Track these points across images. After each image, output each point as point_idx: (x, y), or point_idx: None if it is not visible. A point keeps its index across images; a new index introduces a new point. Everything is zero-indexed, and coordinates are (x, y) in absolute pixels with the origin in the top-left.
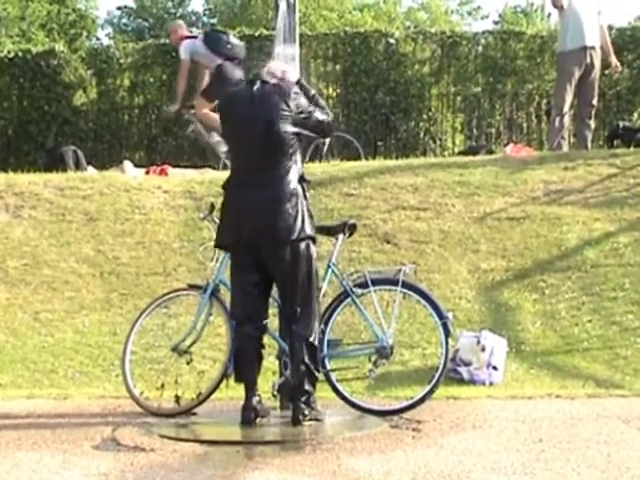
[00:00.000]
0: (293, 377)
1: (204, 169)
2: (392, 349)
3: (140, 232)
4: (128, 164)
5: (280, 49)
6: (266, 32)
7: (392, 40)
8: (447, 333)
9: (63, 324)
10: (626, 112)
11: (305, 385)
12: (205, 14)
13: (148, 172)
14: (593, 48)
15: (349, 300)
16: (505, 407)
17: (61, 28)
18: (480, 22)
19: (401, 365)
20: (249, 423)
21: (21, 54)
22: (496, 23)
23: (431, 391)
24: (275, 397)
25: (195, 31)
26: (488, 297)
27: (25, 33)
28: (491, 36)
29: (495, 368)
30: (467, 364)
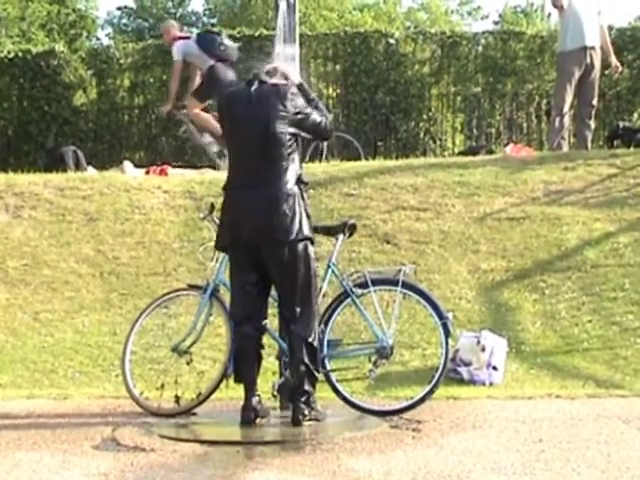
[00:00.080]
0: (293, 377)
1: (204, 169)
2: (392, 349)
3: (140, 232)
4: (128, 164)
5: (280, 49)
6: (266, 32)
7: (392, 40)
8: (447, 333)
9: (63, 324)
10: (626, 112)
11: (305, 385)
12: (205, 14)
13: (148, 172)
14: (593, 48)
15: (349, 300)
16: (505, 407)
17: (61, 28)
18: (480, 22)
19: (401, 365)
20: (249, 423)
21: (21, 54)
22: (496, 23)
23: (431, 391)
24: (275, 397)
25: (195, 31)
26: (488, 297)
27: (25, 33)
28: (491, 36)
29: (495, 368)
30: (467, 364)
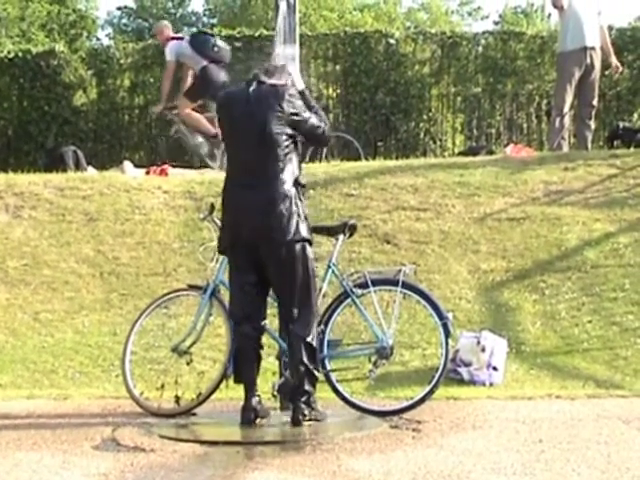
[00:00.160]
0: (293, 378)
1: (204, 169)
2: (392, 349)
3: (140, 232)
4: (128, 164)
5: (280, 49)
6: (266, 32)
7: (392, 40)
8: (447, 333)
9: (63, 324)
10: (626, 113)
11: (305, 385)
12: (205, 14)
13: (148, 172)
14: (593, 48)
15: (349, 300)
16: (505, 408)
17: (61, 28)
18: (480, 22)
19: (401, 365)
20: (249, 423)
21: (21, 54)
22: (496, 23)
23: (431, 391)
24: (275, 397)
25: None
26: (488, 297)
27: (25, 33)
28: (491, 36)
29: (495, 369)
30: (467, 364)
